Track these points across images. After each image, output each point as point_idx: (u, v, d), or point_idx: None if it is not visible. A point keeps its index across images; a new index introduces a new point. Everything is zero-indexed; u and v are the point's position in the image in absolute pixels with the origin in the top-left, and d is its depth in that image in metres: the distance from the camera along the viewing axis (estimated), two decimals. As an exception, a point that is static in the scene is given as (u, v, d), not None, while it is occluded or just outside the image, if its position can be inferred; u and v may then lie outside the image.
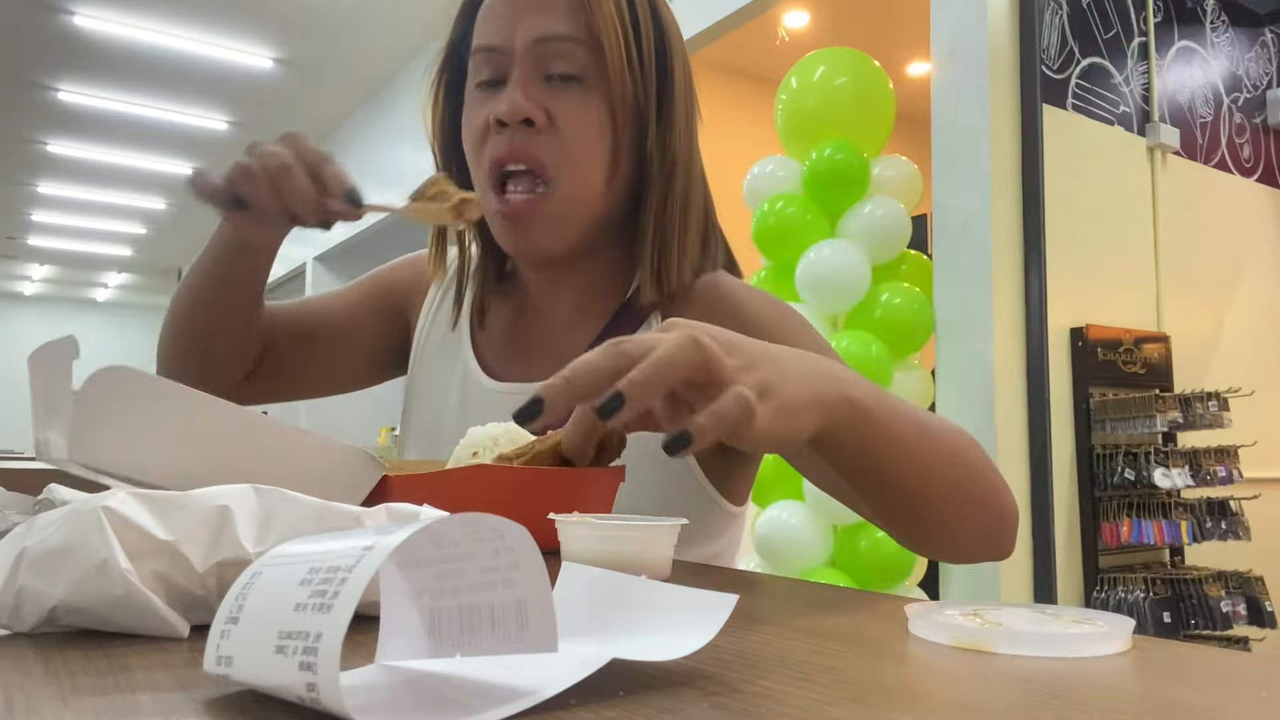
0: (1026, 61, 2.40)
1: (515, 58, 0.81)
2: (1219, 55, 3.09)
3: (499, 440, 0.69)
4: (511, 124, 0.80)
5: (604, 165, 0.83)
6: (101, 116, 6.58)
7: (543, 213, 0.81)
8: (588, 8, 0.81)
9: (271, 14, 5.09)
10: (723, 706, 0.28)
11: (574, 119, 0.81)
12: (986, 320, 2.29)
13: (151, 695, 0.29)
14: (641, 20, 0.84)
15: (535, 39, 0.80)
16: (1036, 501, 2.30)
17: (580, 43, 0.81)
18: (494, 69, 0.83)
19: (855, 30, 4.42)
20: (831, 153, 2.57)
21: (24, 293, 13.12)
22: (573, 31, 0.81)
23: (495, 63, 0.82)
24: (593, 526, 0.51)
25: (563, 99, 0.81)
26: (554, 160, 0.81)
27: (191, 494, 0.38)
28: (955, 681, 0.32)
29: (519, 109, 0.79)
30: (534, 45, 0.81)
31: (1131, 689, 0.32)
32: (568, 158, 0.81)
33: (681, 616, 0.34)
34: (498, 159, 0.81)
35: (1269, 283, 3.14)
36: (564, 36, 0.80)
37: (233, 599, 0.29)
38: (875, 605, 0.48)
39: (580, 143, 0.81)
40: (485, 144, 0.82)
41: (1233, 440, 2.58)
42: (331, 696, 0.24)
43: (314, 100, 6.31)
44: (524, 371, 0.92)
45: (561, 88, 0.81)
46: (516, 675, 0.30)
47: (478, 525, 0.30)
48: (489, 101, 0.82)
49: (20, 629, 0.37)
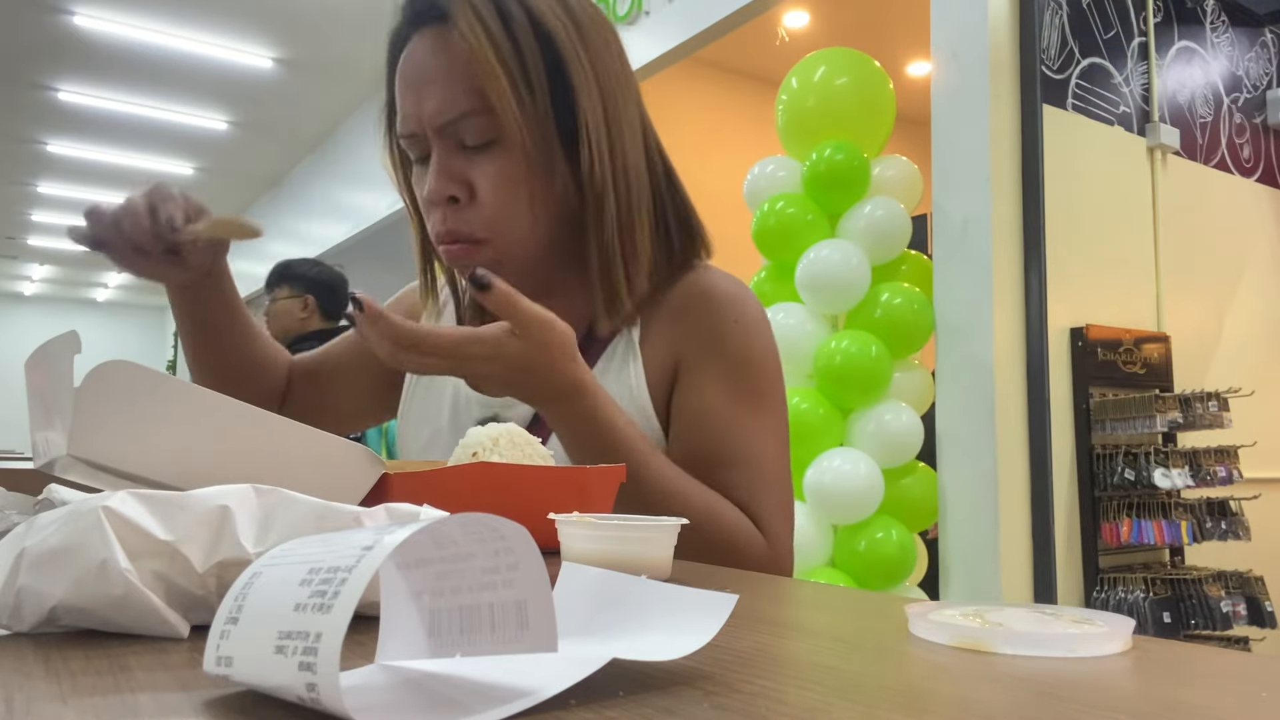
0: (1026, 62, 2.40)
1: (429, 139, 0.85)
2: (1219, 55, 3.09)
3: (499, 440, 0.69)
4: (439, 204, 0.85)
5: (529, 216, 0.86)
6: (101, 116, 6.58)
7: (481, 257, 0.86)
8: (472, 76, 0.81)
9: (271, 14, 5.09)
10: (723, 706, 0.28)
11: (493, 184, 0.84)
12: (986, 320, 2.29)
13: (151, 695, 0.29)
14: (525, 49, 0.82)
15: (439, 125, 0.83)
16: (1036, 501, 2.30)
17: (479, 113, 0.82)
18: (419, 149, 0.87)
19: (855, 30, 4.42)
20: (831, 153, 2.57)
21: (24, 293, 13.13)
22: (468, 106, 0.82)
23: (418, 144, 0.86)
24: (593, 526, 0.51)
25: (480, 166, 0.84)
26: (482, 229, 0.85)
27: (191, 494, 0.38)
28: (955, 681, 0.32)
29: (438, 192, 0.84)
30: (441, 128, 0.84)
31: (1131, 689, 0.32)
32: (495, 223, 0.85)
33: (681, 616, 0.34)
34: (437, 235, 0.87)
35: (1269, 283, 3.14)
36: (462, 114, 0.82)
37: (233, 599, 0.29)
38: (875, 605, 0.48)
39: (503, 205, 0.85)
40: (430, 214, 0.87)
41: (1233, 440, 2.58)
42: (331, 696, 0.24)
43: (314, 100, 6.31)
44: None
45: (478, 154, 0.84)
46: (516, 675, 0.30)
47: (478, 525, 0.30)
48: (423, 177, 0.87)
49: (20, 629, 0.37)
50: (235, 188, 8.29)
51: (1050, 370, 2.34)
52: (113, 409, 0.50)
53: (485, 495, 0.63)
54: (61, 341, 0.51)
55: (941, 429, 2.40)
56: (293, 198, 7.87)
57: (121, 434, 0.50)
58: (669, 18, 3.39)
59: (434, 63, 0.83)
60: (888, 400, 2.51)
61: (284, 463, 0.54)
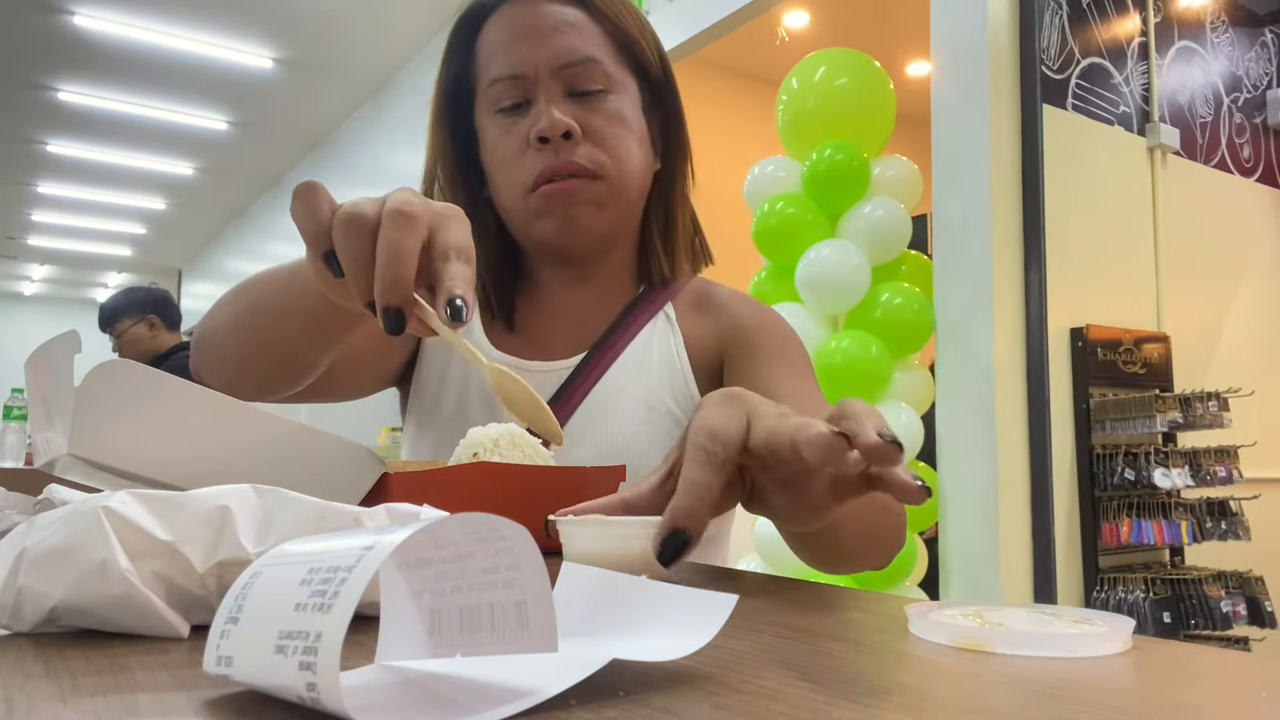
0: (1026, 62, 2.40)
1: (539, 82, 0.88)
2: (1219, 55, 3.09)
3: (499, 440, 0.69)
4: (554, 139, 0.87)
5: (638, 161, 0.92)
6: (101, 116, 6.58)
7: (590, 193, 0.88)
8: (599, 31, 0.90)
9: (271, 14, 5.09)
10: (723, 706, 0.28)
11: (605, 126, 0.89)
12: (986, 320, 2.29)
13: (151, 695, 0.29)
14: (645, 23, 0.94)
15: (559, 65, 0.88)
16: (1036, 501, 2.30)
17: (598, 62, 0.89)
18: (517, 95, 0.89)
19: (855, 30, 4.42)
20: (832, 153, 2.57)
21: (24, 293, 13.12)
22: (592, 53, 0.89)
23: (519, 88, 0.89)
24: (593, 526, 0.51)
25: (591, 110, 0.89)
26: (596, 163, 0.88)
27: (191, 494, 0.38)
28: (955, 681, 0.32)
29: (559, 124, 0.86)
30: (558, 70, 0.88)
31: (1131, 689, 0.32)
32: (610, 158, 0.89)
33: (681, 616, 0.34)
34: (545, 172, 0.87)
35: (1269, 283, 3.14)
36: (585, 59, 0.88)
37: (233, 599, 0.29)
38: (875, 605, 0.48)
39: (616, 144, 0.89)
40: (522, 160, 0.88)
41: (1233, 440, 2.58)
42: (331, 696, 0.24)
43: (314, 100, 6.31)
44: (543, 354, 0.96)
45: (586, 100, 0.89)
46: (516, 675, 0.30)
47: (478, 525, 0.30)
48: (519, 123, 0.89)
49: (20, 629, 0.37)
50: (235, 188, 8.29)
51: (1050, 370, 2.33)
52: (113, 409, 0.50)
53: (485, 495, 0.63)
54: (61, 341, 0.51)
55: (941, 429, 2.40)
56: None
57: (121, 434, 0.50)
58: (669, 18, 3.39)
59: (559, 16, 0.89)
60: (888, 400, 2.51)
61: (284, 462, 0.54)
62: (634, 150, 0.91)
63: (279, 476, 0.48)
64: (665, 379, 0.92)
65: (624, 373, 0.92)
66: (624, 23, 0.91)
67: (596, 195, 0.88)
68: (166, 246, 10.37)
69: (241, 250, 9.16)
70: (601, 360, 0.93)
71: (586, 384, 0.91)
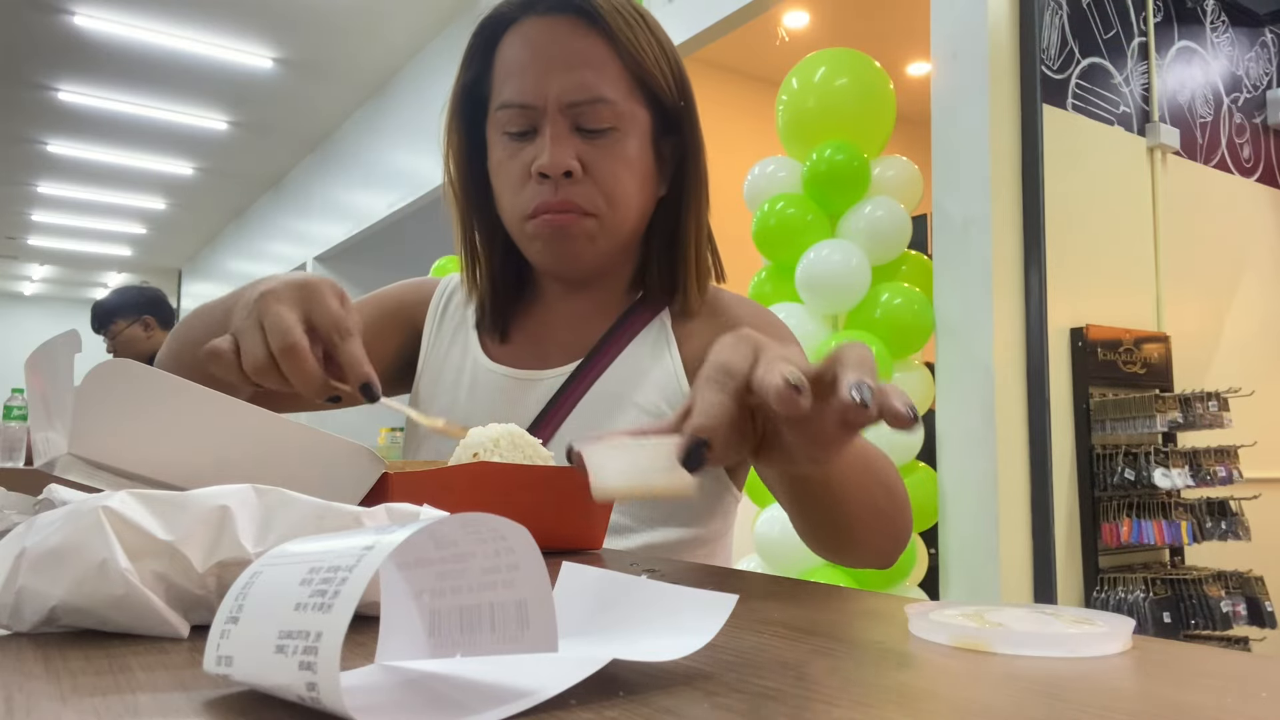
0: (1026, 62, 2.40)
1: (547, 115, 0.87)
2: (1219, 55, 3.09)
3: (499, 441, 0.69)
4: (554, 176, 0.87)
5: (636, 200, 0.92)
6: (101, 116, 6.58)
7: (582, 228, 0.89)
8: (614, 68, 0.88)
9: (271, 14, 5.09)
10: (723, 706, 0.28)
11: (607, 167, 0.89)
12: (986, 320, 2.29)
13: (151, 695, 0.29)
14: (667, 50, 0.92)
15: (569, 103, 0.87)
16: (1036, 501, 2.30)
17: (608, 102, 0.88)
18: (524, 123, 0.89)
19: (855, 30, 4.42)
20: (832, 153, 2.57)
21: (24, 293, 13.13)
22: (603, 93, 0.88)
23: (527, 117, 0.88)
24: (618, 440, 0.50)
25: (595, 148, 0.88)
26: (592, 204, 0.89)
27: (191, 494, 0.38)
28: (955, 681, 0.32)
29: (560, 165, 0.86)
30: (567, 107, 0.87)
31: (1131, 689, 0.32)
32: (605, 199, 0.89)
33: (681, 617, 0.34)
34: (542, 206, 0.88)
35: (1269, 283, 3.14)
36: (595, 99, 0.87)
37: (233, 599, 0.29)
38: (875, 605, 0.48)
39: (614, 185, 0.89)
40: (523, 188, 0.89)
41: (1233, 440, 2.58)
42: (332, 696, 0.24)
43: (314, 100, 6.31)
44: (538, 362, 0.97)
45: (591, 138, 0.88)
46: (516, 675, 0.30)
47: (478, 525, 0.30)
48: (523, 150, 0.89)
49: (20, 629, 0.37)
50: (235, 188, 8.29)
51: (1050, 370, 2.33)
52: (113, 409, 0.50)
53: (485, 495, 0.63)
54: (61, 341, 0.51)
55: (941, 429, 2.40)
56: (293, 198, 7.86)
57: (121, 433, 0.50)
58: (669, 18, 3.39)
59: (575, 46, 0.88)
60: (888, 400, 2.50)
61: (284, 463, 0.55)
62: (632, 191, 0.91)
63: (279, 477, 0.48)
64: (659, 385, 0.92)
65: (617, 379, 0.93)
66: (641, 54, 0.89)
67: (588, 230, 0.89)
68: (166, 246, 10.37)
69: (241, 250, 9.16)
70: (595, 367, 0.94)
71: (579, 391, 0.92)
